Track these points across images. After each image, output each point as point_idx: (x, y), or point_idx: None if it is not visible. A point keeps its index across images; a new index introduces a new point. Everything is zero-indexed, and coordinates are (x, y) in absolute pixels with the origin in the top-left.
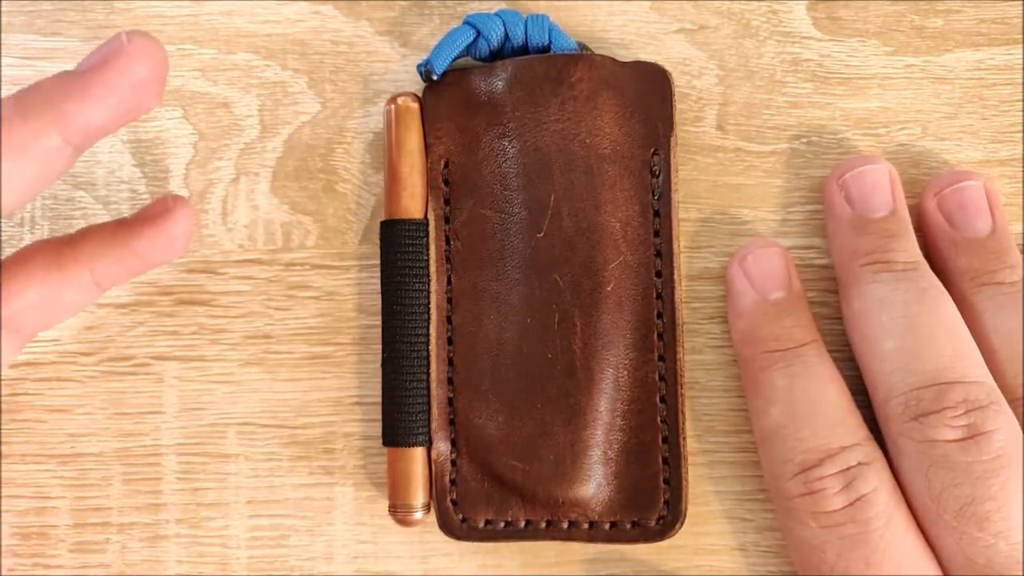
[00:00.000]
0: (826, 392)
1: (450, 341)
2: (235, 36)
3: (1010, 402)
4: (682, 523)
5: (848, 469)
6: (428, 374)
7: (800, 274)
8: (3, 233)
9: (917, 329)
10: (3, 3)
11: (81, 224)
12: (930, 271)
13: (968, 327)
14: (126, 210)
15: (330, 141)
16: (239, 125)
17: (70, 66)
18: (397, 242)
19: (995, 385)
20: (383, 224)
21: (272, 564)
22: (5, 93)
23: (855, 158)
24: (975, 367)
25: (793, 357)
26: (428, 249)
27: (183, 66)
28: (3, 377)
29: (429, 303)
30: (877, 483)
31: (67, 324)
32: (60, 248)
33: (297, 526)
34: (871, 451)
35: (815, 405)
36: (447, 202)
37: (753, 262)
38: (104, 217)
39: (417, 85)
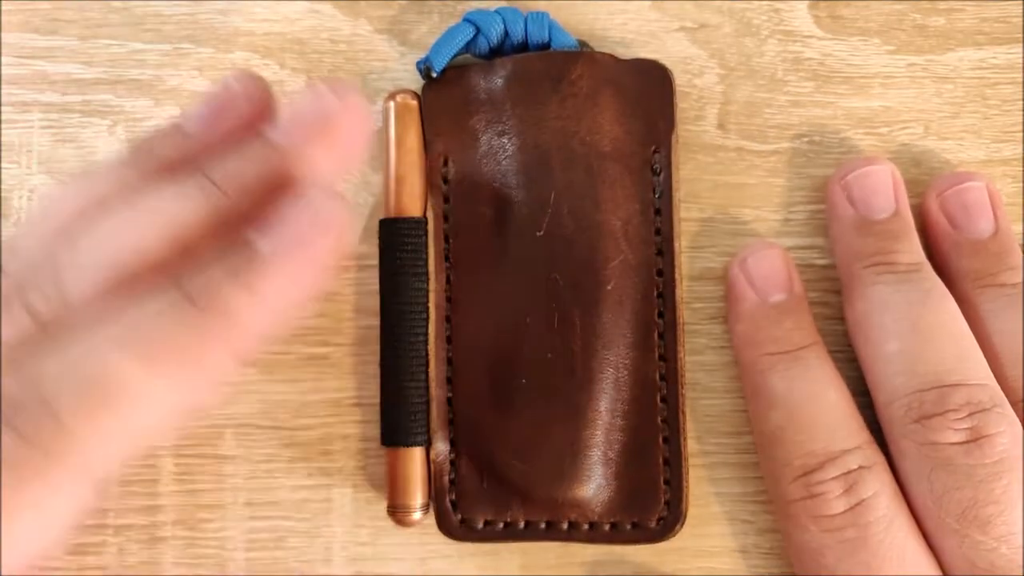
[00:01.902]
0: (826, 395)
1: (449, 340)
2: (233, 35)
3: (1013, 404)
4: (682, 524)
5: (849, 473)
6: (427, 374)
7: (801, 274)
8: (0, 233)
9: (920, 331)
10: (1, 2)
11: None
12: (933, 272)
13: (971, 329)
14: None
15: None
16: None
17: (68, 66)
18: (396, 241)
19: (998, 387)
20: (382, 223)
21: (270, 566)
22: (5, 93)
23: (858, 159)
24: (978, 369)
25: (793, 360)
26: (427, 248)
27: (181, 65)
28: None
29: (428, 302)
30: (878, 487)
31: None
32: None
33: (295, 528)
34: (872, 454)
35: (815, 408)
36: (446, 200)
37: (753, 264)
38: None
39: (416, 83)
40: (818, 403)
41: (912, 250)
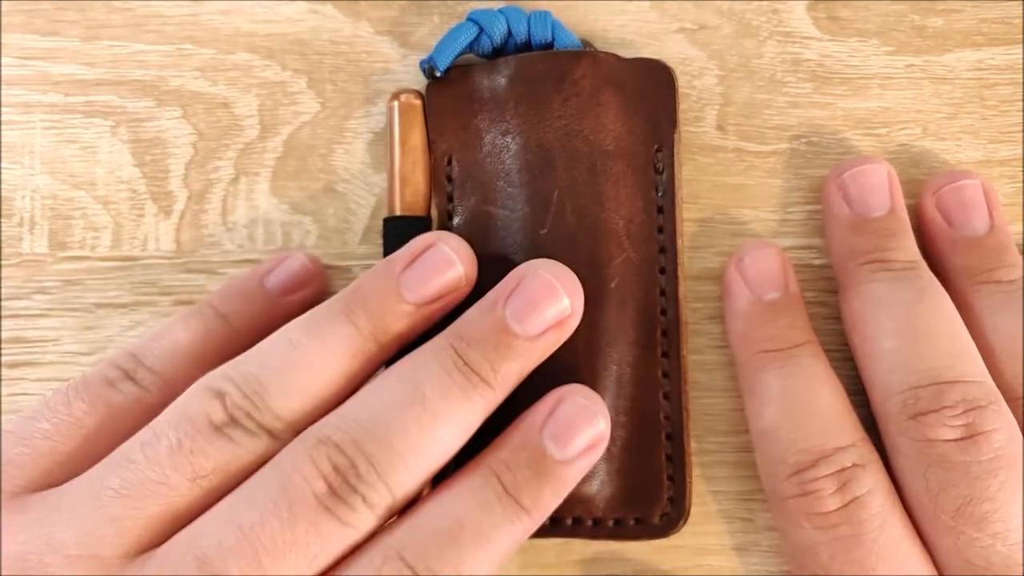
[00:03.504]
0: (821, 393)
1: None
2: (234, 36)
3: (1009, 401)
4: (685, 520)
5: (843, 470)
6: None
7: (799, 274)
8: (3, 233)
9: (916, 328)
10: (2, 2)
11: (81, 223)
12: (928, 270)
13: (967, 326)
14: (125, 210)
15: (330, 141)
16: (239, 125)
17: (70, 67)
18: (400, 239)
19: (994, 385)
20: (386, 221)
21: None
22: (7, 94)
23: (854, 158)
24: (974, 366)
25: (788, 358)
26: None
27: (182, 66)
28: (3, 377)
29: None
30: (872, 485)
31: (66, 325)
32: None
33: None
34: (866, 453)
35: (809, 406)
36: (450, 199)
37: (750, 263)
38: (103, 217)
39: (417, 85)
40: (812, 401)
41: (908, 248)
